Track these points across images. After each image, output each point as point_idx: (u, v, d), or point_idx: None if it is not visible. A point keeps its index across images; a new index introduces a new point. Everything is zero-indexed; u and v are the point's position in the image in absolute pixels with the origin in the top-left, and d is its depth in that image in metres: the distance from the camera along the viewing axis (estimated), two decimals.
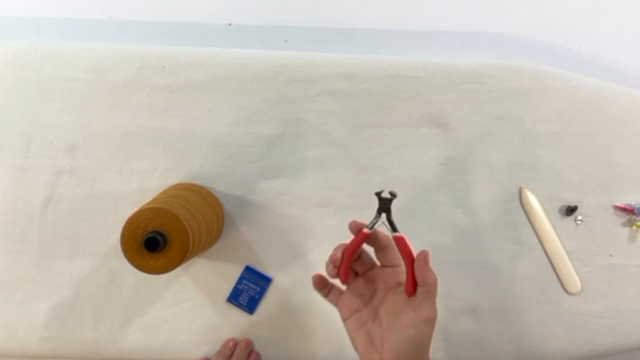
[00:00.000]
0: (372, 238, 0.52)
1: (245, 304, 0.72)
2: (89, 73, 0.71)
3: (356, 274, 0.54)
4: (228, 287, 0.72)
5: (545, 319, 0.73)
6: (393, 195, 0.52)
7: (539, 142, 0.73)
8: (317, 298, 0.72)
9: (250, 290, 0.72)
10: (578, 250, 0.73)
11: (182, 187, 0.69)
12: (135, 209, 0.57)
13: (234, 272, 0.72)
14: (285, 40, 0.80)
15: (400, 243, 0.50)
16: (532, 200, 0.73)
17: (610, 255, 0.73)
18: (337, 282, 0.54)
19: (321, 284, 0.54)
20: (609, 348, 0.73)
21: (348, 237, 0.73)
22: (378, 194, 0.52)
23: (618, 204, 0.73)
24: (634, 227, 0.73)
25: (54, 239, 0.71)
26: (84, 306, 0.71)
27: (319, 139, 0.73)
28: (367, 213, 0.72)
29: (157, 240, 0.55)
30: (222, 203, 0.72)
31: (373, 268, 0.54)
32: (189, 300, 0.72)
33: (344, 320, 0.53)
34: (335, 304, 0.54)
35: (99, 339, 0.71)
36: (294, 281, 0.72)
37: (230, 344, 0.70)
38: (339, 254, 0.51)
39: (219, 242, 0.72)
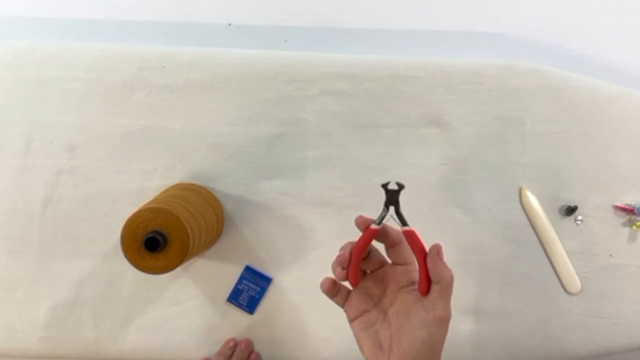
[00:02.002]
0: (382, 234, 0.48)
1: (245, 304, 0.72)
2: (89, 73, 0.71)
3: (364, 273, 0.51)
4: (228, 287, 0.72)
5: (545, 319, 0.73)
6: (400, 186, 0.49)
7: (539, 142, 0.73)
8: (317, 298, 0.72)
9: (250, 290, 0.72)
10: (578, 250, 0.73)
11: (182, 187, 0.69)
12: (135, 209, 0.57)
13: (234, 272, 0.72)
14: (285, 40, 0.80)
15: (411, 237, 0.47)
16: (532, 200, 0.73)
17: (610, 255, 0.73)
18: (346, 282, 0.52)
19: (332, 289, 0.49)
20: (609, 348, 0.73)
21: (348, 237, 0.73)
22: (384, 186, 0.49)
23: (618, 204, 0.73)
24: (634, 227, 0.73)
25: (54, 239, 0.71)
26: (84, 306, 0.71)
27: (319, 139, 0.73)
28: (367, 214, 0.72)
29: (157, 240, 0.55)
30: (222, 203, 0.72)
31: (383, 266, 0.50)
32: (189, 301, 0.72)
33: (351, 321, 0.49)
34: (342, 305, 0.50)
35: (99, 339, 0.71)
36: (294, 281, 0.72)
37: (231, 344, 0.70)
38: (347, 254, 0.47)
39: (219, 242, 0.72)
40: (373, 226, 0.47)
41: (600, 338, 0.73)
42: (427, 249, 0.46)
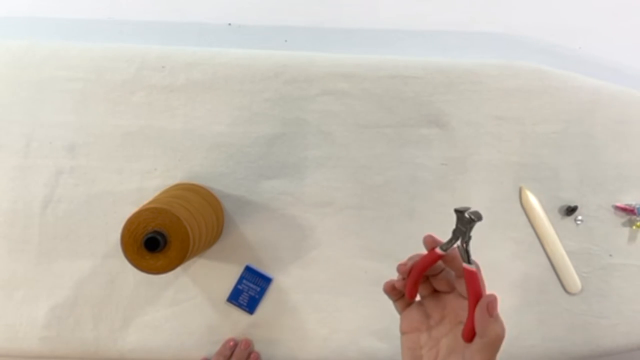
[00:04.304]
0: (449, 260, 0.44)
1: (245, 304, 0.72)
2: (89, 73, 0.71)
3: (434, 290, 0.47)
4: (228, 287, 0.72)
5: (545, 319, 0.73)
6: (475, 218, 0.43)
7: (539, 142, 0.73)
8: (317, 298, 0.72)
9: (250, 290, 0.72)
10: (578, 250, 0.73)
11: (182, 187, 0.69)
12: (135, 209, 0.57)
13: (234, 272, 0.72)
14: (285, 40, 0.80)
15: (469, 277, 0.42)
16: (532, 200, 0.73)
17: (610, 255, 0.73)
18: None
19: (392, 292, 0.48)
20: (609, 348, 0.73)
21: (348, 237, 0.73)
22: (459, 211, 0.44)
23: (618, 204, 0.73)
24: (634, 227, 0.73)
25: (54, 239, 0.71)
26: (84, 306, 0.71)
27: (319, 139, 0.73)
28: (367, 213, 0.72)
29: (157, 240, 0.55)
30: (222, 203, 0.72)
31: (452, 291, 0.46)
32: (189, 301, 0.72)
33: (402, 333, 0.47)
34: (400, 312, 0.48)
35: (99, 339, 0.71)
36: (294, 281, 0.72)
37: (230, 344, 0.70)
38: (407, 267, 0.45)
39: (219, 242, 0.72)
40: (437, 250, 0.44)
41: (600, 338, 0.73)
42: (483, 294, 0.42)
